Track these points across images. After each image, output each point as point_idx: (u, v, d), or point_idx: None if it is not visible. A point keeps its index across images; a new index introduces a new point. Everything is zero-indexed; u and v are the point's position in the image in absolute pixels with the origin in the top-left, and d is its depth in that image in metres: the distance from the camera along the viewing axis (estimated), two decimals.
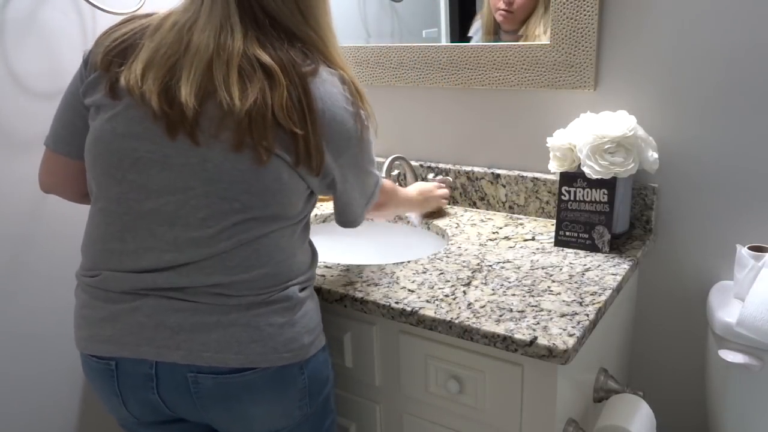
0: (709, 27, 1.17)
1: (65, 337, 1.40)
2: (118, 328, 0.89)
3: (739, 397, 1.16)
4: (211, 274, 0.88)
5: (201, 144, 0.84)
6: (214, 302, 0.88)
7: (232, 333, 0.88)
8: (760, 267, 1.13)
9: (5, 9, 1.21)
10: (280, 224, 0.91)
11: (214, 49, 0.84)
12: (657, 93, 1.25)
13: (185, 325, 0.88)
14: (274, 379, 0.90)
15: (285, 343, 0.90)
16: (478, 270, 1.17)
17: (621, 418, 1.10)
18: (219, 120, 0.84)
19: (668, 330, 1.36)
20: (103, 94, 0.88)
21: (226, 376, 0.88)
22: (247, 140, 0.83)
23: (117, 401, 0.94)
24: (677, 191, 1.28)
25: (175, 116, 0.83)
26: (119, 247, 0.89)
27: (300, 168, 0.88)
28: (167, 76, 0.84)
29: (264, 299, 0.90)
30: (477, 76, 1.42)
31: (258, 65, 0.84)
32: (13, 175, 1.26)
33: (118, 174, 0.88)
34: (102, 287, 0.91)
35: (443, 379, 1.06)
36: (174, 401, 0.91)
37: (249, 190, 0.86)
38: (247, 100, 0.82)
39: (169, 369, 0.89)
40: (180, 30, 0.86)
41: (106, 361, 0.91)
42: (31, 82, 1.26)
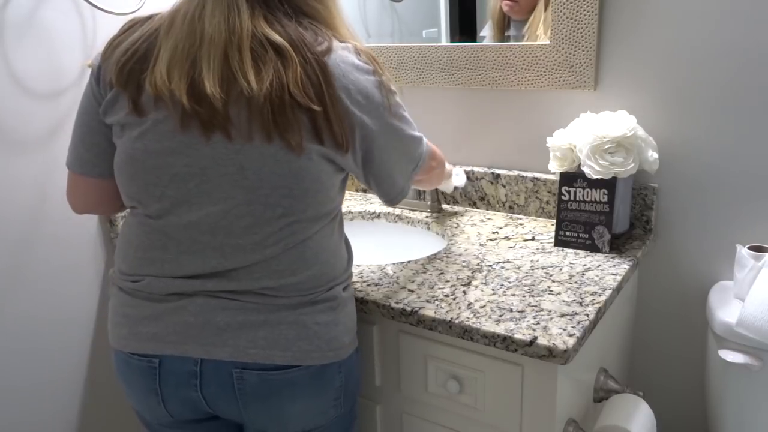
0: (710, 27, 1.17)
1: (65, 340, 1.40)
2: (162, 327, 0.89)
3: (738, 397, 1.16)
4: (259, 278, 0.88)
5: (235, 139, 0.82)
6: (261, 302, 0.88)
7: (280, 331, 0.88)
8: (760, 267, 1.13)
9: (5, 9, 1.21)
10: (321, 223, 0.91)
11: (227, 34, 0.82)
12: (657, 93, 1.25)
13: (233, 323, 0.88)
14: (316, 377, 0.91)
15: (329, 342, 0.91)
16: (478, 270, 1.17)
17: (621, 418, 1.10)
18: (243, 114, 0.82)
19: (668, 330, 1.36)
20: (127, 112, 0.86)
21: (271, 373, 0.89)
22: (272, 129, 0.81)
23: (155, 400, 0.93)
24: (677, 191, 1.28)
25: (205, 114, 0.82)
26: (161, 255, 0.89)
27: (326, 147, 0.85)
28: (191, 70, 0.82)
29: (311, 299, 0.90)
30: (477, 76, 1.42)
31: (268, 44, 0.82)
32: (13, 175, 1.26)
33: (156, 191, 0.87)
34: (145, 290, 0.90)
35: (443, 379, 1.06)
36: (215, 398, 0.91)
37: (290, 194, 0.85)
38: (263, 84, 0.80)
39: (214, 366, 0.89)
40: (191, 21, 0.83)
41: (149, 359, 0.91)
42: (31, 82, 1.26)
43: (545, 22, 1.35)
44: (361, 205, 1.58)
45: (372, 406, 1.18)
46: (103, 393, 1.49)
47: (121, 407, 1.54)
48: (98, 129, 0.92)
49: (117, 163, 0.90)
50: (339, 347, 0.92)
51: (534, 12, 1.38)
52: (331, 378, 0.93)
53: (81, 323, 1.43)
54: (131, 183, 0.89)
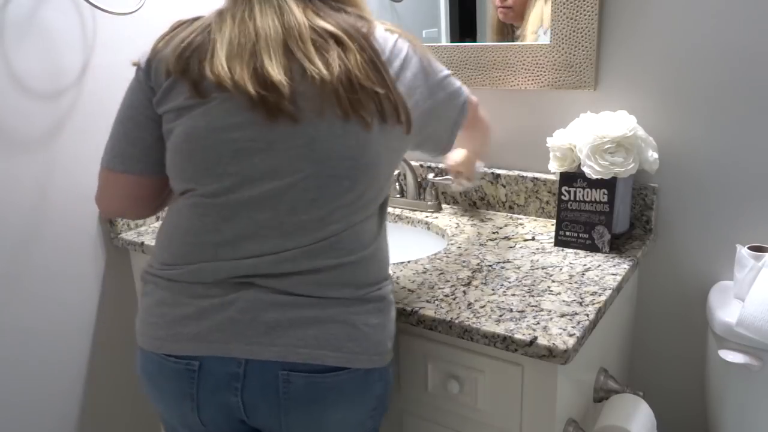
0: (710, 27, 1.17)
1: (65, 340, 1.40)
2: (205, 326, 0.86)
3: (738, 396, 1.16)
4: (316, 257, 0.86)
5: (302, 121, 0.83)
6: (314, 294, 0.86)
7: (330, 329, 0.86)
8: (760, 267, 1.13)
9: (5, 9, 1.21)
10: (374, 209, 0.91)
11: (283, 29, 0.84)
12: (657, 93, 1.25)
13: (282, 320, 0.85)
14: (360, 382, 0.88)
15: (376, 345, 0.89)
16: (478, 270, 1.17)
17: (621, 418, 1.10)
18: (315, 96, 0.83)
19: (668, 330, 1.36)
20: (187, 96, 0.86)
21: (319, 375, 0.86)
22: (348, 108, 0.83)
23: (189, 406, 0.89)
24: (677, 191, 1.28)
25: (273, 97, 0.82)
26: (214, 238, 0.86)
27: (389, 126, 0.87)
28: (251, 62, 0.83)
29: (362, 296, 0.89)
30: (477, 76, 1.42)
31: (327, 35, 0.85)
32: (13, 175, 1.26)
33: (218, 168, 0.85)
34: (191, 279, 0.87)
35: (443, 379, 1.06)
36: (255, 404, 0.87)
37: (356, 166, 0.85)
38: (333, 70, 0.83)
39: (259, 367, 0.85)
40: (242, 20, 0.85)
41: (188, 361, 0.87)
42: (31, 82, 1.26)
43: (533, 20, 1.36)
44: None
45: None
46: (102, 395, 1.49)
47: (120, 409, 1.54)
48: (145, 124, 0.91)
49: (174, 145, 0.88)
50: (384, 352, 0.90)
51: (525, 14, 1.38)
52: (373, 385, 0.90)
53: (81, 323, 1.43)
54: (188, 163, 0.87)
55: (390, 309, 0.93)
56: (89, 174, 1.39)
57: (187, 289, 0.88)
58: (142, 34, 1.43)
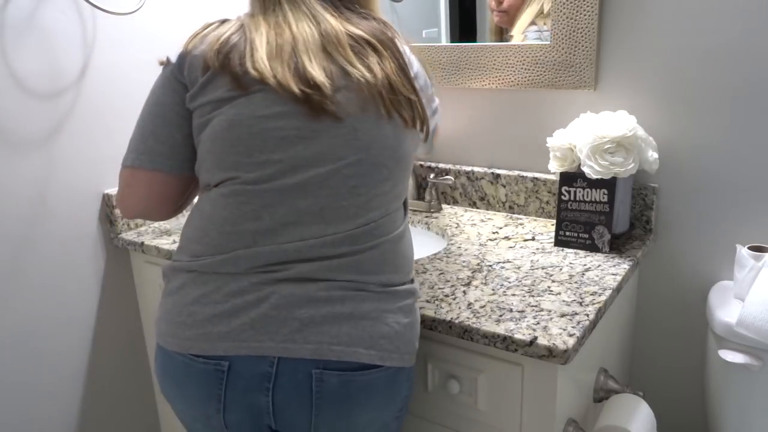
0: (709, 27, 1.17)
1: (65, 339, 1.40)
2: (237, 324, 0.83)
3: (738, 397, 1.16)
4: (356, 242, 0.87)
5: (345, 118, 0.86)
6: (350, 284, 0.86)
7: (364, 326, 0.85)
8: (760, 267, 1.13)
9: (5, 9, 1.21)
10: (402, 200, 0.94)
11: (320, 35, 0.87)
12: (657, 93, 1.25)
13: (316, 316, 0.83)
14: (390, 381, 0.88)
15: (406, 344, 0.89)
16: (478, 270, 1.17)
17: (621, 418, 1.10)
18: (357, 96, 0.86)
19: (668, 330, 1.36)
20: (228, 88, 0.86)
21: (352, 373, 0.84)
22: (391, 109, 0.87)
23: (215, 407, 0.87)
24: (677, 191, 1.28)
25: (317, 96, 0.83)
26: (253, 226, 0.85)
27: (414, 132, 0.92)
28: (291, 62, 0.85)
29: (394, 290, 0.89)
30: (477, 76, 1.42)
31: (363, 42, 0.88)
32: (13, 174, 1.26)
33: (261, 156, 0.85)
34: (226, 270, 0.85)
35: (443, 379, 1.06)
36: (286, 405, 0.85)
37: (394, 155, 0.89)
38: (375, 73, 0.86)
39: (292, 366, 0.83)
40: (277, 24, 0.88)
41: (217, 361, 0.84)
42: (31, 82, 1.26)
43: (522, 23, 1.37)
44: None
45: None
46: (103, 392, 1.49)
47: (120, 409, 1.54)
48: (174, 120, 0.91)
49: (214, 134, 0.87)
50: (412, 351, 0.90)
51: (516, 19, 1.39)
52: (402, 384, 0.90)
53: (81, 324, 1.43)
54: (230, 151, 0.86)
55: (417, 308, 0.94)
56: (89, 174, 1.39)
57: (219, 284, 0.85)
58: (142, 34, 1.43)
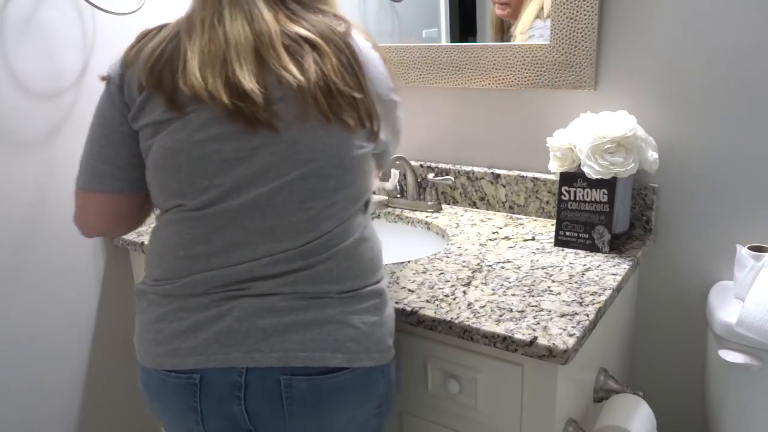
0: (709, 27, 1.17)
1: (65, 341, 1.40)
2: (202, 339, 0.85)
3: (739, 397, 1.16)
4: (310, 255, 0.86)
5: (282, 131, 0.83)
6: (310, 293, 0.86)
7: (329, 330, 0.85)
8: (760, 267, 1.13)
9: (5, 9, 1.21)
10: (361, 202, 0.92)
11: (254, 36, 0.83)
12: (657, 93, 1.25)
13: (279, 325, 0.84)
14: (362, 381, 0.88)
15: (376, 343, 0.89)
16: (478, 270, 1.17)
17: (621, 418, 1.10)
18: (292, 100, 0.83)
19: (668, 330, 1.36)
20: (163, 110, 0.84)
21: (321, 378, 0.85)
22: (329, 113, 0.83)
23: (193, 419, 0.88)
24: (677, 191, 1.28)
25: (248, 109, 0.81)
26: (205, 250, 0.85)
27: (365, 131, 0.88)
28: (223, 70, 0.82)
29: (356, 292, 0.88)
30: (477, 76, 1.42)
31: (301, 40, 0.84)
32: (13, 174, 1.26)
33: (204, 182, 0.84)
34: (185, 292, 0.86)
35: (443, 379, 1.06)
36: (259, 411, 0.87)
37: (341, 164, 0.86)
38: (310, 75, 0.82)
39: (260, 375, 0.85)
40: (211, 25, 0.83)
41: (188, 375, 0.86)
42: (31, 82, 1.26)
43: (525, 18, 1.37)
44: None
45: None
46: (102, 395, 1.49)
47: (120, 410, 1.54)
48: (121, 141, 0.89)
49: (156, 162, 0.86)
50: (384, 350, 0.90)
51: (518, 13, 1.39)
52: (376, 383, 0.90)
53: (81, 324, 1.43)
54: (174, 178, 0.85)
55: (387, 306, 0.93)
56: None
57: (181, 303, 0.87)
58: None
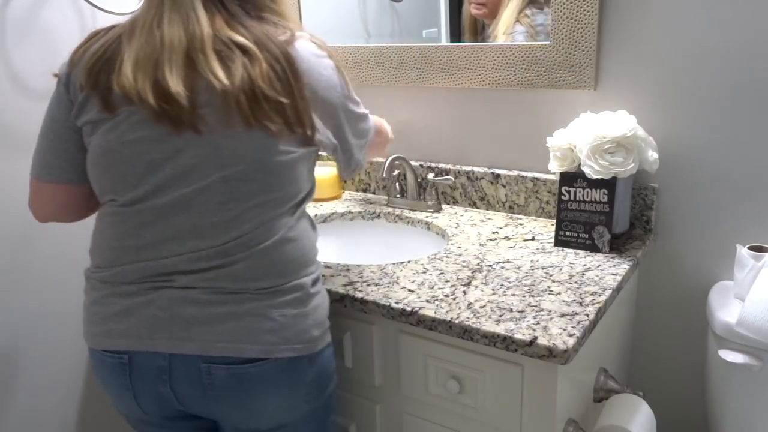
0: (710, 27, 1.17)
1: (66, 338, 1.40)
2: (132, 322, 0.91)
3: (739, 396, 1.16)
4: (230, 254, 0.89)
5: (206, 135, 0.86)
6: (229, 289, 0.89)
7: (246, 323, 0.89)
8: (760, 267, 1.13)
9: (5, 8, 1.21)
10: (291, 205, 0.93)
11: (187, 39, 0.86)
12: (657, 93, 1.25)
13: (200, 316, 0.89)
14: (285, 370, 0.92)
15: (296, 335, 0.91)
16: (478, 270, 1.17)
17: (621, 418, 1.10)
18: (217, 105, 0.85)
19: (668, 330, 1.36)
20: (98, 110, 0.89)
21: (239, 366, 0.89)
22: (251, 118, 0.85)
23: (128, 396, 0.95)
24: (677, 191, 1.28)
25: (173, 111, 0.85)
26: (136, 242, 0.91)
27: (296, 134, 0.90)
28: (153, 73, 0.85)
29: (277, 288, 0.91)
30: (477, 76, 1.42)
31: (233, 45, 0.86)
32: (13, 175, 1.26)
33: (133, 180, 0.89)
34: (117, 280, 0.92)
35: (443, 379, 1.06)
36: (186, 394, 0.92)
37: (264, 168, 0.88)
38: (235, 79, 0.84)
39: (182, 361, 0.90)
40: (150, 29, 0.87)
41: (119, 356, 0.92)
42: (31, 82, 1.26)
43: (505, 19, 1.37)
44: (361, 205, 1.58)
45: (372, 406, 1.18)
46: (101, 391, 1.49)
47: None
48: (68, 135, 0.94)
49: (91, 159, 0.92)
50: (308, 340, 0.93)
51: (498, 15, 1.39)
52: (302, 372, 0.93)
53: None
54: (106, 175, 0.91)
55: (311, 298, 0.94)
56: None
57: (113, 290, 0.92)
58: None
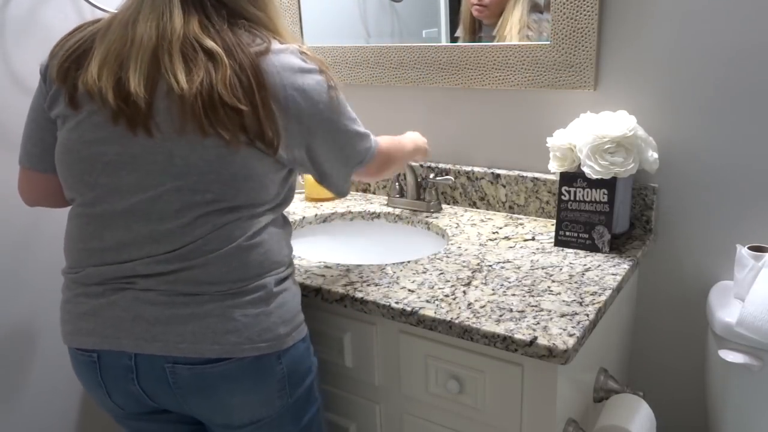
0: (709, 27, 1.17)
1: None
2: (99, 322, 0.92)
3: (739, 397, 1.16)
4: (189, 258, 0.89)
5: (157, 137, 0.86)
6: (190, 292, 0.90)
7: (208, 324, 0.89)
8: (760, 267, 1.13)
9: (5, 9, 1.21)
10: (254, 211, 0.92)
11: (157, 37, 0.85)
12: (657, 93, 1.25)
13: (161, 317, 0.90)
14: (251, 368, 0.92)
15: (260, 333, 0.92)
16: (478, 270, 1.17)
17: (621, 418, 1.10)
18: (174, 110, 0.85)
19: (668, 330, 1.36)
20: (65, 104, 0.90)
21: (203, 366, 0.90)
22: (206, 125, 0.84)
23: (102, 392, 0.96)
24: (677, 191, 1.28)
25: (129, 111, 0.85)
26: (99, 245, 0.92)
27: (257, 144, 0.88)
28: (118, 71, 0.86)
29: (238, 289, 0.91)
30: (477, 76, 1.42)
31: (200, 48, 0.85)
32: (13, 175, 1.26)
33: (90, 179, 0.90)
34: (84, 282, 0.94)
35: (443, 379, 1.06)
36: (154, 392, 0.93)
37: (219, 179, 0.88)
38: (193, 83, 0.83)
39: (147, 360, 0.91)
40: (125, 25, 0.87)
41: (89, 354, 0.94)
42: (31, 82, 1.26)
43: (514, 23, 1.37)
44: (360, 205, 1.58)
45: (372, 406, 1.18)
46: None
47: None
48: (45, 125, 0.96)
49: (57, 155, 0.94)
50: (273, 338, 0.93)
51: (503, 15, 1.39)
52: (270, 369, 0.93)
53: None
54: (68, 173, 0.93)
55: (274, 297, 0.94)
56: None
57: (82, 290, 0.94)
58: None
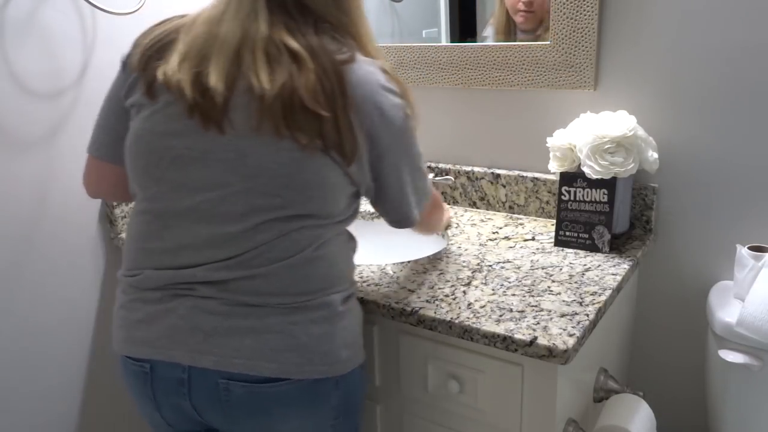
0: (709, 27, 1.17)
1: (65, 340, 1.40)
2: (153, 331, 0.88)
3: (739, 396, 1.16)
4: (251, 266, 0.86)
5: (229, 134, 0.83)
6: (250, 303, 0.86)
7: (267, 340, 0.85)
8: (760, 267, 1.13)
9: (5, 9, 1.21)
10: (321, 222, 0.89)
11: (241, 36, 0.84)
12: (657, 93, 1.25)
13: (219, 328, 0.85)
14: (307, 392, 0.87)
15: (322, 356, 0.87)
16: (478, 270, 1.17)
17: (621, 418, 1.10)
18: (253, 109, 0.82)
19: (668, 330, 1.36)
20: (142, 93, 0.88)
21: (258, 386, 0.86)
22: (283, 127, 0.82)
23: (152, 405, 0.92)
24: (677, 191, 1.28)
25: (206, 105, 0.83)
26: (159, 245, 0.89)
27: (333, 154, 0.84)
28: (199, 65, 0.84)
29: (301, 303, 0.87)
30: (477, 76, 1.42)
31: (285, 50, 0.83)
32: (13, 174, 1.26)
33: (157, 172, 0.87)
34: (141, 286, 0.90)
35: (443, 379, 1.06)
36: (205, 409, 0.89)
37: (289, 185, 0.84)
38: (276, 84, 0.81)
39: (201, 374, 0.87)
40: (210, 22, 0.86)
41: (141, 364, 0.90)
42: (31, 82, 1.26)
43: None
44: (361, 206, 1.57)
45: (372, 406, 1.18)
46: (103, 394, 1.49)
47: (121, 408, 1.54)
48: (119, 114, 0.94)
49: (126, 145, 0.91)
50: (334, 362, 0.88)
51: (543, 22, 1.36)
52: (327, 395, 0.89)
53: (81, 323, 1.43)
54: (135, 163, 0.90)
55: (341, 318, 0.90)
56: None
57: (138, 295, 0.91)
58: None
